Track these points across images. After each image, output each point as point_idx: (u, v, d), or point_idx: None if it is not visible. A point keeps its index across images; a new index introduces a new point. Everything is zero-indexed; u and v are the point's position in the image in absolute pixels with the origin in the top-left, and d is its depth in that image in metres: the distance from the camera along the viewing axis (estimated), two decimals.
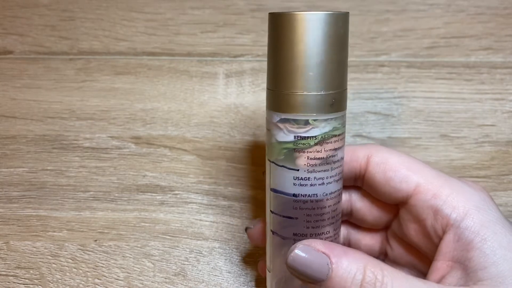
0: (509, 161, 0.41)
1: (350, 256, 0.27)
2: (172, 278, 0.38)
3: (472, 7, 0.44)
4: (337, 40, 0.28)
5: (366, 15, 0.44)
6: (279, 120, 0.28)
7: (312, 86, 0.27)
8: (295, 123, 0.28)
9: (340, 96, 0.28)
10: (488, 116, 0.42)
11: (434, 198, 0.29)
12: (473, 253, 0.27)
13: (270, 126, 0.29)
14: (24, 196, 0.42)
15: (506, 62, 0.43)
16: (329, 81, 0.28)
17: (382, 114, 0.43)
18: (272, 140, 0.29)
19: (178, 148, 0.43)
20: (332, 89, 0.28)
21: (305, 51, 0.27)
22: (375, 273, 0.26)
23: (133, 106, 0.44)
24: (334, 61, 0.28)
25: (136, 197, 0.41)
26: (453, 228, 0.28)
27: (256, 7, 0.45)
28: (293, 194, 0.29)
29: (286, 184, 0.29)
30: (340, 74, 0.28)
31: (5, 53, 0.46)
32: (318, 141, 0.28)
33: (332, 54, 0.27)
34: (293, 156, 0.29)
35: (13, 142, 0.44)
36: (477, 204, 0.29)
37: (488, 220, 0.28)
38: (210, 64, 0.44)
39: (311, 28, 0.27)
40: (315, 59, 0.27)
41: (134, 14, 0.45)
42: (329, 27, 0.27)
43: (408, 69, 0.43)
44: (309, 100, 0.28)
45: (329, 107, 0.28)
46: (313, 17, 0.27)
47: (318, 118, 0.28)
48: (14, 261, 0.39)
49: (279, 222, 0.30)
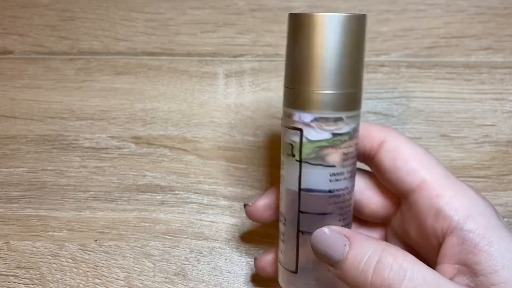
0: (509, 161, 0.41)
1: (371, 241, 0.27)
2: (172, 278, 0.38)
3: (472, 7, 0.44)
4: (361, 40, 0.29)
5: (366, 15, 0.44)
6: (313, 119, 0.29)
7: (344, 85, 0.29)
8: (329, 121, 0.29)
9: (361, 93, 0.30)
10: (488, 116, 0.42)
11: (437, 197, 0.29)
12: (480, 256, 0.27)
13: (298, 125, 0.30)
14: (24, 196, 0.42)
15: (506, 62, 0.43)
16: (356, 79, 0.29)
17: (382, 114, 0.43)
18: (303, 140, 0.30)
19: (178, 148, 0.43)
20: (358, 87, 0.30)
21: (337, 50, 0.28)
22: (394, 256, 0.26)
23: (133, 106, 0.44)
24: (358, 60, 0.29)
25: (136, 197, 0.41)
26: (456, 230, 0.28)
27: (256, 7, 0.45)
28: (329, 190, 0.30)
29: (321, 181, 0.30)
30: (362, 72, 0.30)
31: (5, 53, 0.46)
32: (350, 137, 0.30)
33: (357, 54, 0.29)
34: (324, 153, 0.29)
35: (13, 142, 0.44)
36: (481, 210, 0.28)
37: (492, 224, 0.27)
38: (210, 64, 0.44)
39: (338, 29, 0.28)
40: (345, 59, 0.28)
41: (134, 14, 0.45)
42: (354, 28, 0.29)
43: (408, 69, 0.43)
44: (341, 98, 0.29)
45: (357, 104, 0.30)
46: (344, 18, 0.28)
47: (349, 115, 0.29)
48: (14, 261, 0.39)
49: (313, 220, 0.30)
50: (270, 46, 0.44)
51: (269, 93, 0.43)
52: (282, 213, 0.32)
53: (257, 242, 0.40)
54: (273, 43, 0.44)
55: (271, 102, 0.43)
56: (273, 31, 0.44)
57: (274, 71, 0.43)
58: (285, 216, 0.31)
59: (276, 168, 0.42)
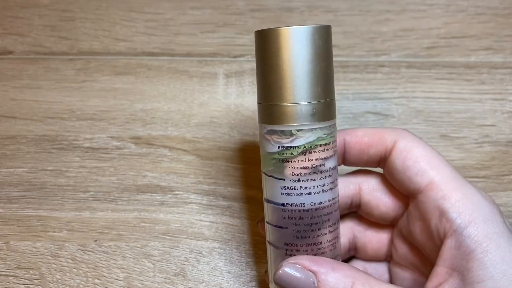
0: (509, 161, 0.41)
1: (337, 272, 0.27)
2: (172, 278, 0.38)
3: (472, 7, 0.44)
4: (317, 52, 0.28)
5: (366, 15, 0.44)
6: (266, 132, 0.30)
7: (293, 97, 0.28)
8: (280, 134, 0.29)
9: (323, 106, 0.29)
10: (488, 116, 0.42)
11: (443, 199, 0.29)
12: (472, 264, 0.27)
13: (260, 138, 0.31)
14: (24, 196, 0.42)
15: (506, 62, 0.43)
16: (310, 92, 0.28)
17: (382, 114, 0.43)
18: (262, 152, 0.31)
19: (178, 148, 0.43)
20: (313, 99, 0.28)
21: (284, 63, 0.28)
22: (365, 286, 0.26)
23: (133, 106, 0.44)
24: (316, 71, 0.28)
25: (136, 197, 0.41)
26: (455, 234, 0.28)
27: (256, 7, 0.45)
28: (282, 203, 0.30)
29: (275, 193, 0.30)
30: (322, 84, 0.29)
31: (5, 53, 0.46)
32: (302, 151, 0.29)
33: (312, 65, 0.28)
34: (281, 167, 0.29)
35: (13, 142, 0.44)
36: (485, 215, 0.28)
37: (493, 232, 0.27)
38: (210, 64, 0.44)
39: (290, 41, 0.28)
40: (294, 71, 0.28)
41: (134, 14, 0.45)
42: (308, 40, 0.28)
43: (408, 69, 0.43)
44: (291, 111, 0.28)
45: (311, 117, 0.28)
46: (293, 31, 0.28)
47: (301, 128, 0.29)
48: (14, 261, 0.39)
49: (273, 232, 0.31)
50: None
51: None
52: None
53: (257, 242, 0.40)
54: None
55: None
56: None
57: None
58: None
59: None
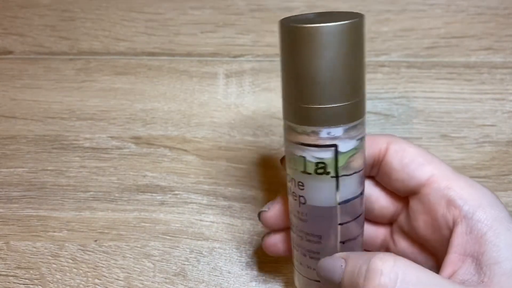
0: (509, 161, 0.41)
1: (363, 254, 0.28)
2: (172, 278, 0.38)
3: (472, 7, 0.44)
4: (362, 42, 0.28)
5: (366, 15, 0.44)
6: (344, 131, 0.28)
7: (360, 91, 0.28)
8: (355, 129, 0.28)
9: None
10: (488, 116, 0.42)
11: (447, 188, 0.29)
12: (486, 246, 0.27)
13: (330, 142, 0.28)
14: (24, 196, 0.42)
15: (506, 62, 0.43)
16: (364, 81, 0.29)
17: (382, 114, 0.43)
18: (336, 155, 0.29)
19: (178, 148, 0.43)
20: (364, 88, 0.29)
21: (348, 58, 0.27)
22: (383, 259, 0.26)
23: (133, 106, 0.44)
24: (363, 62, 0.29)
25: (136, 197, 0.41)
26: (466, 219, 0.28)
27: (256, 7, 0.45)
28: (360, 192, 0.30)
29: (355, 188, 0.30)
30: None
31: (5, 53, 0.46)
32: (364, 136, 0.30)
33: (361, 56, 0.28)
34: (352, 160, 0.29)
35: (13, 142, 0.44)
36: (490, 200, 0.29)
37: (501, 216, 0.28)
38: (210, 64, 0.44)
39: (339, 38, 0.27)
40: (355, 66, 0.28)
41: (134, 14, 0.45)
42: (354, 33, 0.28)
43: (408, 69, 0.43)
44: (361, 104, 0.28)
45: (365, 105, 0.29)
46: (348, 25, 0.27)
47: (364, 117, 0.29)
48: (14, 261, 0.39)
49: (349, 227, 0.31)
50: (270, 46, 0.44)
51: (269, 93, 0.43)
52: (306, 232, 0.31)
53: (258, 242, 0.40)
54: (273, 43, 0.44)
55: (271, 102, 0.43)
56: (273, 31, 0.44)
57: (274, 71, 0.43)
58: (317, 234, 0.31)
59: (276, 168, 0.42)
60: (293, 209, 0.31)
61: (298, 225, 0.31)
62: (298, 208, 0.30)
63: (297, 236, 0.31)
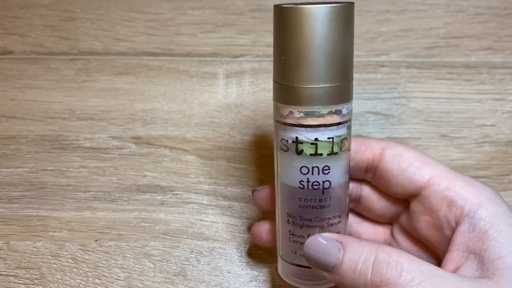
0: (509, 161, 0.42)
1: (363, 242, 0.28)
2: (173, 278, 0.38)
3: (472, 7, 0.44)
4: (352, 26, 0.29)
5: (366, 15, 0.44)
6: (350, 107, 0.30)
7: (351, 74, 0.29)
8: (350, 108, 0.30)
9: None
10: (488, 116, 0.42)
11: (447, 189, 0.30)
12: (488, 243, 0.27)
13: (347, 117, 0.29)
14: (25, 196, 0.42)
15: (506, 62, 0.43)
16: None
17: (382, 114, 0.43)
18: (350, 133, 0.30)
19: (178, 148, 0.43)
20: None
21: (346, 40, 0.28)
22: (389, 252, 0.27)
23: (133, 106, 0.44)
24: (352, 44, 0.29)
25: (136, 197, 0.42)
26: (468, 218, 0.28)
27: (256, 7, 0.45)
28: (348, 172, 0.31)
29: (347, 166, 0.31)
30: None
31: (5, 53, 0.46)
32: None
33: (351, 39, 0.29)
34: (344, 140, 0.30)
35: (13, 142, 0.44)
36: (489, 197, 0.29)
37: (502, 212, 0.28)
38: (210, 64, 0.44)
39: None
40: (350, 48, 0.28)
41: (134, 14, 0.45)
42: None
43: (408, 69, 0.43)
44: (351, 84, 0.29)
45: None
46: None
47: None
48: (14, 261, 0.39)
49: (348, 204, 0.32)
50: (270, 46, 0.44)
51: (269, 93, 0.43)
52: (327, 217, 0.31)
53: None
54: None
55: (271, 102, 0.43)
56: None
57: None
58: (338, 214, 0.31)
59: None
60: (308, 198, 0.30)
61: (317, 213, 0.30)
62: (321, 195, 0.30)
63: (308, 225, 0.31)
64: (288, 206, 0.31)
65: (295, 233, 0.31)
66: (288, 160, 0.30)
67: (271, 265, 0.39)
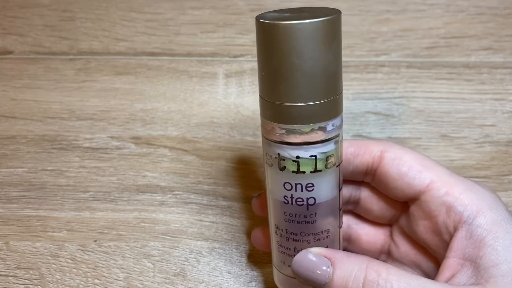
0: (509, 161, 0.41)
1: (352, 258, 0.28)
2: (172, 278, 0.38)
3: (472, 7, 0.44)
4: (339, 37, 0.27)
5: (366, 15, 0.44)
6: (340, 122, 0.28)
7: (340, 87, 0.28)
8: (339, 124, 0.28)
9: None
10: (488, 116, 0.42)
11: (447, 195, 0.29)
12: (484, 250, 0.27)
13: (335, 132, 0.28)
14: (24, 196, 0.42)
15: (506, 62, 0.43)
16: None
17: (383, 114, 0.43)
18: (340, 148, 0.29)
19: (178, 148, 0.43)
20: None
21: (330, 56, 0.26)
22: (378, 271, 0.27)
23: (133, 106, 0.44)
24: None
25: (136, 197, 0.41)
26: (466, 225, 0.28)
27: (256, 7, 0.45)
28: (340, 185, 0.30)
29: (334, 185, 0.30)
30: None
31: (5, 53, 0.46)
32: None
33: (339, 54, 0.28)
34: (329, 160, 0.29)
35: (13, 142, 0.44)
36: (489, 203, 0.29)
37: (500, 219, 0.28)
38: (210, 64, 0.44)
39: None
40: (339, 63, 0.27)
41: (134, 14, 0.45)
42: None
43: (408, 69, 0.43)
44: (341, 98, 0.28)
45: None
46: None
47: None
48: (13, 261, 0.39)
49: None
50: None
51: None
52: (314, 233, 0.30)
53: None
54: None
55: None
56: None
57: None
58: (325, 229, 0.30)
59: None
60: (292, 213, 0.30)
61: (302, 228, 0.30)
62: (305, 211, 0.29)
63: (294, 239, 0.31)
64: (275, 218, 0.31)
65: (282, 245, 0.31)
66: (273, 174, 0.29)
67: (271, 265, 0.39)
